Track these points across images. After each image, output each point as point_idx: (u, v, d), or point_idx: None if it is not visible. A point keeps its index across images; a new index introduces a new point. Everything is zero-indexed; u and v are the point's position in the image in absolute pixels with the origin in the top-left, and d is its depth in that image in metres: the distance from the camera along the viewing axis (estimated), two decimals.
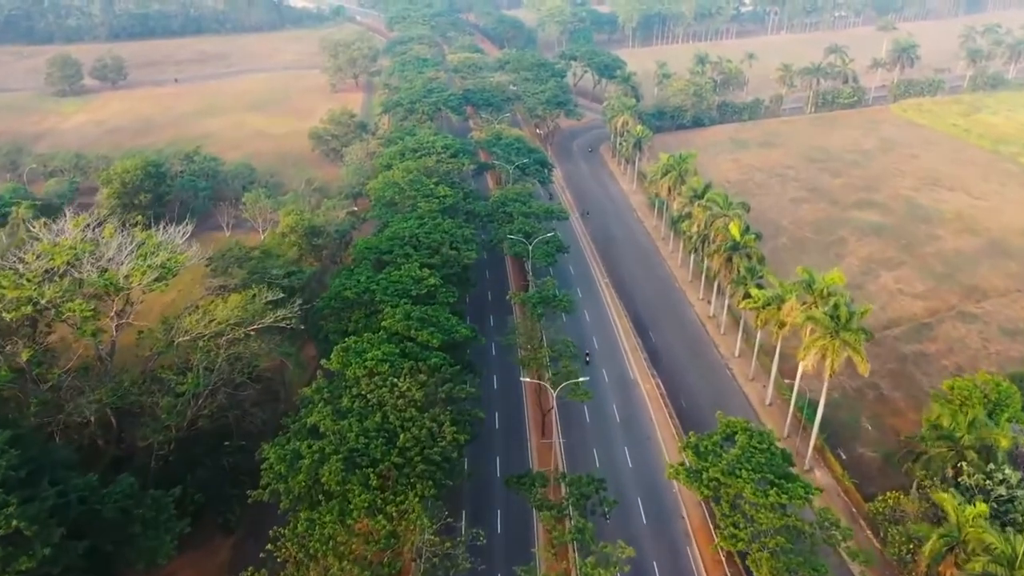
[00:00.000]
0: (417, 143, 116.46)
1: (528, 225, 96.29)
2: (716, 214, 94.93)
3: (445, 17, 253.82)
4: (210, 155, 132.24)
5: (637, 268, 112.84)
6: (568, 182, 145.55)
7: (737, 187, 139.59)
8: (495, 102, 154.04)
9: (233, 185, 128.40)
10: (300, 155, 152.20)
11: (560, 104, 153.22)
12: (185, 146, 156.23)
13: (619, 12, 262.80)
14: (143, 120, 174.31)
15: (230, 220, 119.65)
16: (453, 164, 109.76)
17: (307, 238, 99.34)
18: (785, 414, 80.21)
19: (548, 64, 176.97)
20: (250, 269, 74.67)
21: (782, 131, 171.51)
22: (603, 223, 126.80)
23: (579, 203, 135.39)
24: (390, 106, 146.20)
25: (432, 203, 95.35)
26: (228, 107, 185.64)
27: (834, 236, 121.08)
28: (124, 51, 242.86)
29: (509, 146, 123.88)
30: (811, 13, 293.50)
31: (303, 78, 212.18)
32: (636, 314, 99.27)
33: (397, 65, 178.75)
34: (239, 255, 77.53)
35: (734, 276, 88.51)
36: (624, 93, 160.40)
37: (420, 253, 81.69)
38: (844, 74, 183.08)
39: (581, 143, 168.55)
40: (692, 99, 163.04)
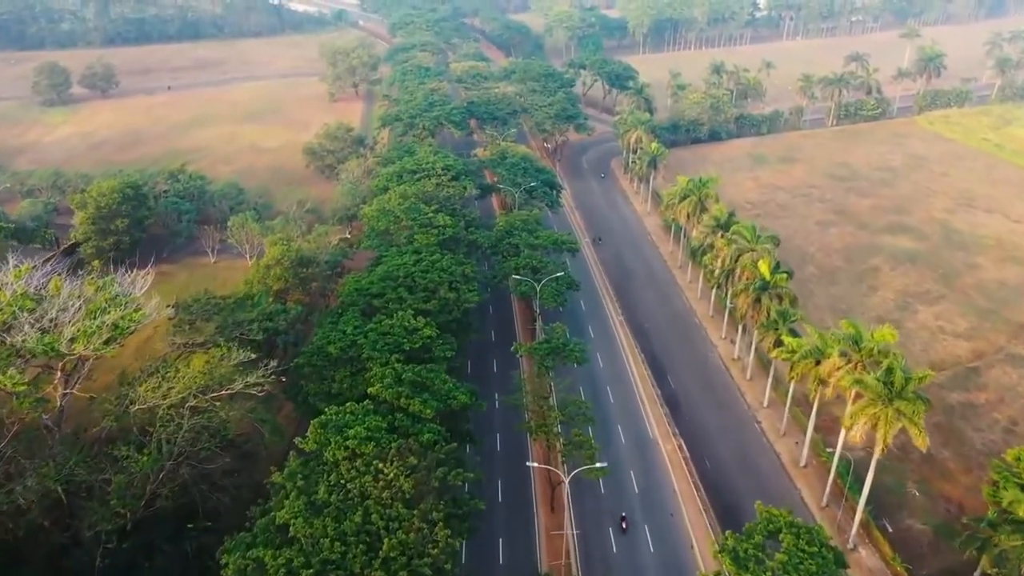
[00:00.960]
0: (416, 164, 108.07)
1: (535, 259, 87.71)
2: (742, 248, 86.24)
3: (449, 22, 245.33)
4: (197, 173, 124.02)
5: (653, 302, 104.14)
6: (578, 201, 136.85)
7: (758, 209, 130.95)
8: (500, 115, 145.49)
9: (220, 206, 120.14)
10: (294, 171, 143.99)
11: (569, 118, 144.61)
12: (173, 161, 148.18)
13: (629, 17, 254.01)
14: (131, 132, 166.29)
15: (215, 245, 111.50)
16: (454, 189, 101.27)
17: (294, 270, 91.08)
18: (822, 478, 71.93)
19: (556, 74, 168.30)
20: (220, 322, 65.98)
21: (803, 146, 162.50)
22: (616, 250, 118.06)
23: (590, 226, 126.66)
24: (388, 120, 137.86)
25: (430, 235, 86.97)
26: (221, 117, 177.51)
27: (865, 265, 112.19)
28: (118, 57, 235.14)
29: (515, 166, 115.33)
30: (827, 18, 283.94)
31: (301, 86, 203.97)
32: (653, 356, 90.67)
33: (398, 75, 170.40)
34: (208, 306, 68.87)
35: (763, 320, 79.87)
36: (637, 106, 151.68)
37: (415, 296, 73.25)
38: (868, 85, 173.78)
39: (591, 158, 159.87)
40: (709, 112, 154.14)
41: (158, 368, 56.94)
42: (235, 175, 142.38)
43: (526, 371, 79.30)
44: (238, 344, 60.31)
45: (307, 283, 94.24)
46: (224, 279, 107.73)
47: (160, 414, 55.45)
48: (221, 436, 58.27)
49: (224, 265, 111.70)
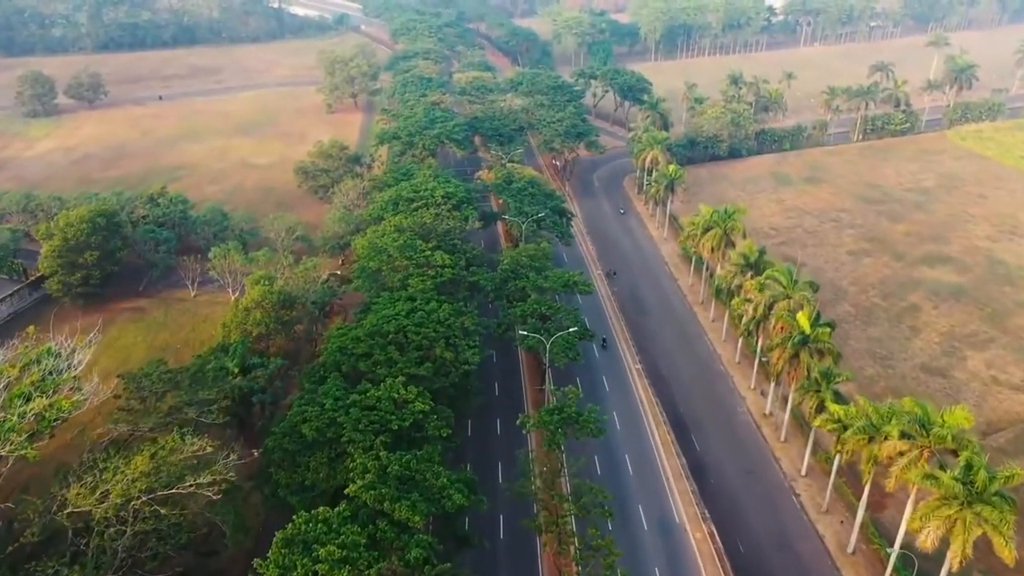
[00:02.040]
0: (413, 190, 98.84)
1: (544, 304, 78.25)
2: (777, 295, 76.67)
3: (453, 28, 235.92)
4: (179, 196, 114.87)
5: (673, 345, 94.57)
6: (589, 226, 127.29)
7: (784, 236, 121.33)
8: (506, 132, 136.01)
9: (203, 233, 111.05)
10: (285, 191, 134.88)
11: (580, 135, 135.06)
12: (157, 179, 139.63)
13: (641, 23, 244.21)
14: (116, 147, 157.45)
15: (196, 277, 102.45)
16: (454, 221, 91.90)
17: (277, 313, 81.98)
18: (874, 570, 62.31)
19: (565, 86, 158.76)
20: (175, 402, 56.58)
21: (828, 164, 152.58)
22: (631, 284, 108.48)
23: (602, 254, 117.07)
24: (386, 138, 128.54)
25: (426, 278, 77.64)
26: (212, 130, 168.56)
27: (905, 302, 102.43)
28: (110, 64, 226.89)
29: (522, 191, 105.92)
30: (846, 24, 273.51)
31: (298, 96, 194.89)
32: (675, 411, 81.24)
33: (398, 86, 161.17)
34: (161, 381, 59.36)
35: (802, 380, 70.38)
36: (652, 122, 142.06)
37: (407, 357, 63.92)
38: (896, 97, 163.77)
39: (603, 176, 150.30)
40: (729, 128, 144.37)
41: (96, 462, 47.60)
42: (222, 196, 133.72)
43: (534, 444, 69.62)
44: (194, 430, 50.81)
45: (291, 326, 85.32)
46: (204, 316, 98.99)
47: (98, 517, 46.29)
48: (174, 540, 49.08)
49: (205, 300, 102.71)
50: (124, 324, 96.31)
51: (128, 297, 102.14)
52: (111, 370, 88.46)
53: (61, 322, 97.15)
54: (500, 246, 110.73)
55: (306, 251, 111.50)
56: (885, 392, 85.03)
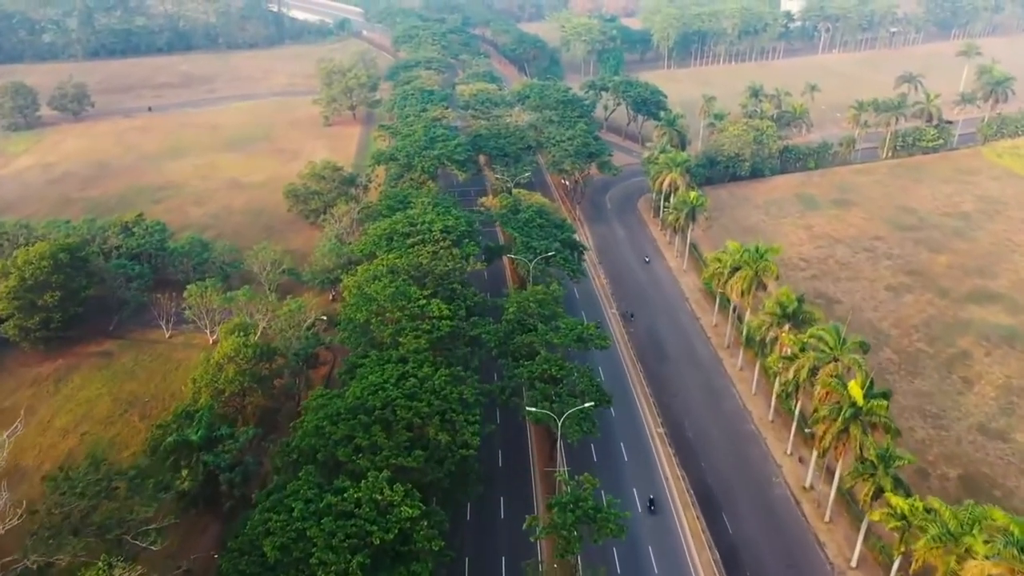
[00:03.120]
0: (409, 222, 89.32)
1: (555, 364, 68.46)
2: (822, 357, 66.80)
3: (458, 34, 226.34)
4: (156, 223, 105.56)
5: (698, 399, 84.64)
6: (601, 255, 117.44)
7: (815, 268, 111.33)
8: (512, 151, 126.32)
9: (182, 266, 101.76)
10: (275, 214, 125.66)
11: (592, 156, 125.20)
12: (139, 199, 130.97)
13: (654, 29, 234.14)
14: (98, 163, 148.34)
15: (171, 316, 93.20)
16: (453, 261, 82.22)
17: (253, 369, 72.58)
18: None
19: (575, 100, 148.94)
20: (105, 517, 46.91)
21: (857, 184, 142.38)
22: (649, 324, 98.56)
23: (616, 288, 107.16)
24: (382, 159, 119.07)
25: (420, 334, 68.10)
26: (201, 145, 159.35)
27: (953, 347, 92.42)
28: (100, 72, 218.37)
29: (529, 223, 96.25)
30: (866, 30, 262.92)
31: (294, 107, 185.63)
32: (703, 483, 71.55)
33: (398, 99, 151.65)
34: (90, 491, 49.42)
35: (855, 464, 60.57)
36: (669, 141, 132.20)
37: (395, 441, 54.37)
38: (927, 112, 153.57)
39: (616, 197, 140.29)
40: (752, 146, 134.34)
41: None
42: (207, 219, 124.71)
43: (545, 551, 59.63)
44: (127, 559, 41.18)
45: (270, 381, 75.92)
46: (178, 361, 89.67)
47: None
48: None
49: (180, 341, 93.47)
50: (89, 372, 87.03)
51: (96, 338, 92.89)
52: (69, 429, 79.72)
53: (20, 369, 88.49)
54: (506, 285, 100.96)
55: (293, 287, 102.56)
56: (939, 459, 75.35)
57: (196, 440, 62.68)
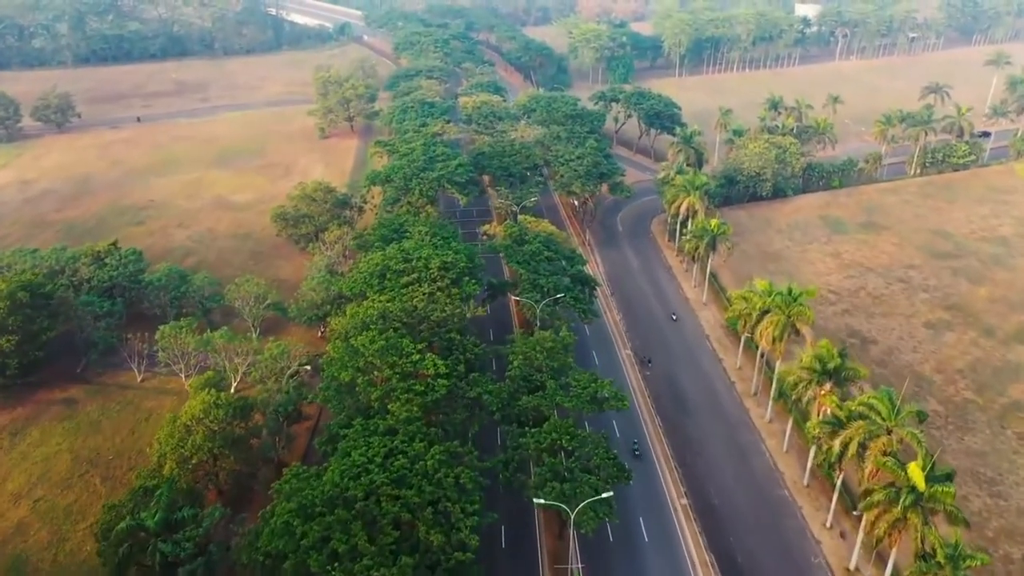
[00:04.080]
0: (404, 258, 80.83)
1: (567, 432, 59.87)
2: (875, 430, 58.11)
3: (461, 41, 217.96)
4: (130, 252, 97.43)
5: (723, 459, 75.83)
6: (613, 284, 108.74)
7: (846, 301, 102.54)
8: (517, 171, 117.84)
9: (159, 300, 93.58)
10: (263, 237, 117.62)
11: (602, 177, 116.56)
12: (119, 221, 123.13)
13: (665, 36, 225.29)
14: (79, 179, 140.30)
15: (144, 358, 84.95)
16: (452, 306, 73.72)
17: (225, 432, 64.33)
18: None
19: (585, 114, 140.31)
20: None
21: (886, 205, 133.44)
22: (667, 366, 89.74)
23: (630, 324, 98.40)
24: (377, 179, 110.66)
25: (413, 397, 59.69)
26: (188, 160, 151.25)
27: (1004, 396, 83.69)
28: (91, 79, 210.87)
29: (536, 256, 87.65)
30: (885, 36, 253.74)
31: (288, 118, 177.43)
32: (733, 563, 62.80)
33: (397, 112, 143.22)
34: None
35: (917, 563, 51.95)
36: (686, 159, 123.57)
37: (379, 544, 45.96)
38: (958, 126, 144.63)
39: (628, 218, 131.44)
40: (774, 165, 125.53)
41: None
42: (190, 243, 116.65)
43: None
44: None
45: (246, 442, 67.59)
46: (149, 410, 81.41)
47: None
48: None
49: (153, 386, 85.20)
50: (49, 423, 78.75)
51: (60, 383, 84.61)
52: (22, 493, 71.22)
53: None
54: (511, 326, 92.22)
55: (278, 323, 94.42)
56: (1000, 535, 66.57)
57: (152, 526, 54.51)
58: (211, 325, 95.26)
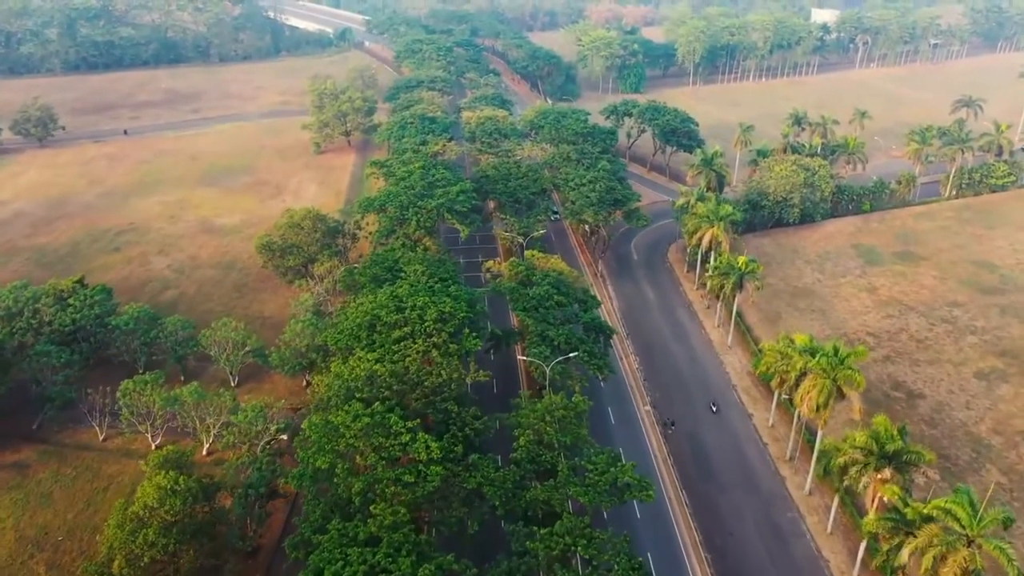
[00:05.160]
0: (397, 306, 71.50)
1: (582, 536, 50.44)
2: (953, 540, 48.53)
3: (465, 48, 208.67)
4: (97, 291, 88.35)
5: (759, 543, 66.13)
6: (629, 324, 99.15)
7: (886, 346, 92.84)
8: (524, 197, 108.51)
9: (126, 345, 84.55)
10: (249, 267, 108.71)
11: (617, 203, 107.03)
12: (94, 248, 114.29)
13: (679, 43, 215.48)
14: (56, 200, 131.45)
15: (105, 415, 75.90)
16: (451, 368, 64.40)
17: (184, 522, 55.22)
18: None
19: (597, 132, 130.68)
20: None
21: (921, 232, 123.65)
22: (692, 428, 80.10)
23: (648, 372, 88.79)
24: (371, 207, 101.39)
25: (400, 491, 50.47)
26: (174, 178, 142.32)
27: None
28: (79, 88, 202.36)
29: (544, 302, 78.20)
30: (907, 43, 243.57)
31: (283, 130, 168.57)
32: None
33: (395, 129, 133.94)
34: None
35: None
36: (707, 184, 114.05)
37: None
38: (997, 145, 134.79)
39: (642, 245, 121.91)
40: (802, 190, 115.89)
41: None
42: (170, 273, 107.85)
43: None
44: None
45: (210, 528, 58.39)
46: (109, 477, 72.51)
47: None
48: None
49: (117, 447, 76.25)
50: None
51: (12, 443, 75.59)
52: None
53: None
54: (517, 385, 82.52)
55: (259, 370, 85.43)
56: None
57: None
58: (185, 372, 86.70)
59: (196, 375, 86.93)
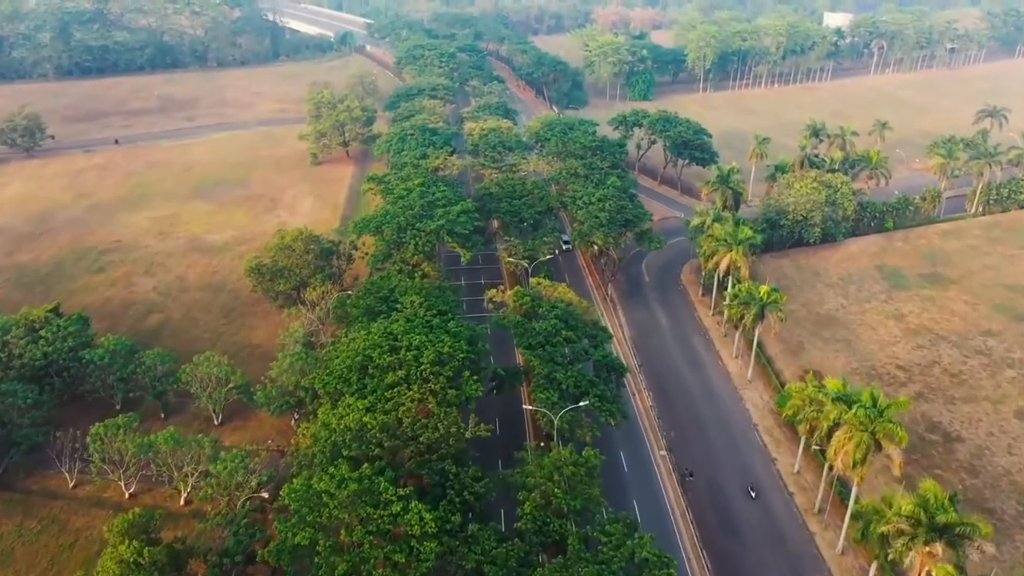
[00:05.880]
0: (392, 344, 65.58)
1: None
2: None
3: (468, 53, 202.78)
4: (72, 320, 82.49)
5: None
6: (641, 354, 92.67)
7: (917, 381, 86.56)
8: (530, 216, 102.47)
9: (101, 381, 78.71)
10: (238, 289, 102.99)
11: (628, 224, 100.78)
12: (76, 268, 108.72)
13: (689, 49, 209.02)
14: (40, 215, 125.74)
15: (75, 460, 70.07)
16: (448, 422, 58.29)
17: None
18: None
19: (606, 145, 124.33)
20: None
21: (949, 252, 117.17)
22: (712, 476, 73.85)
23: (662, 408, 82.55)
24: (367, 228, 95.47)
25: (391, 571, 44.57)
26: (164, 191, 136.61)
27: None
28: (71, 94, 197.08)
29: (551, 337, 72.13)
30: (924, 48, 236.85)
31: (280, 140, 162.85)
32: None
33: (394, 141, 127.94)
34: None
35: None
36: (723, 202, 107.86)
37: None
38: None
39: (654, 265, 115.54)
40: (824, 209, 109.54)
41: None
42: (155, 296, 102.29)
43: None
44: None
45: None
46: (78, 531, 66.78)
47: None
48: None
49: (88, 495, 70.62)
50: None
51: None
52: None
53: None
54: (523, 427, 76.36)
55: (245, 407, 79.44)
56: None
57: None
58: (166, 409, 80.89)
59: (178, 411, 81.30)
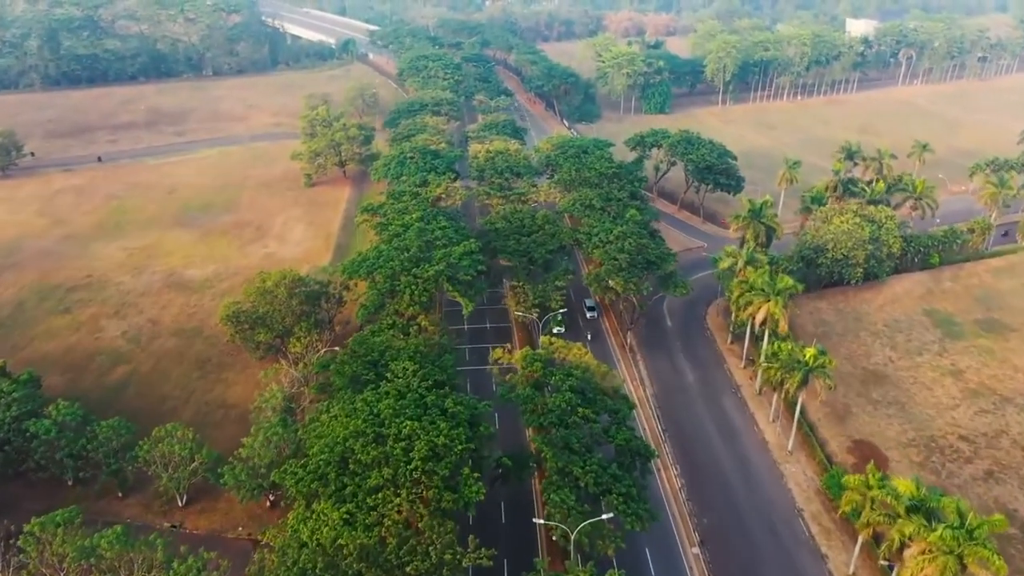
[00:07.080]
0: (376, 432, 55.15)
1: None
2: None
3: (475, 64, 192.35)
4: (17, 383, 72.30)
5: None
6: (666, 419, 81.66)
7: (985, 454, 75.70)
8: (540, 256, 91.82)
9: (48, 456, 68.56)
10: (215, 335, 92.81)
11: (650, 265, 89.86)
12: (41, 309, 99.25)
13: (708, 59, 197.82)
14: (8, 246, 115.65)
15: (10, 562, 59.69)
16: (436, 548, 47.74)
17: None
18: None
19: (623, 171, 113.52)
20: None
21: (1004, 292, 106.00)
22: (743, 562, 63.07)
23: (692, 490, 71.74)
24: (358, 272, 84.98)
25: None
26: (144, 217, 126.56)
27: None
28: (57, 105, 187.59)
29: (565, 416, 61.52)
30: (955, 57, 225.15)
31: (273, 157, 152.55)
32: None
33: (393, 164, 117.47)
34: None
35: None
36: (755, 239, 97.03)
37: None
38: None
39: (677, 309, 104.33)
40: (867, 248, 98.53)
41: None
42: (123, 343, 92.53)
43: None
44: None
45: None
46: None
47: None
48: None
49: None
50: None
51: None
52: None
53: None
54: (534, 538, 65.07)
55: (212, 488, 69.16)
56: None
57: None
58: (123, 487, 70.81)
59: (138, 489, 71.22)
